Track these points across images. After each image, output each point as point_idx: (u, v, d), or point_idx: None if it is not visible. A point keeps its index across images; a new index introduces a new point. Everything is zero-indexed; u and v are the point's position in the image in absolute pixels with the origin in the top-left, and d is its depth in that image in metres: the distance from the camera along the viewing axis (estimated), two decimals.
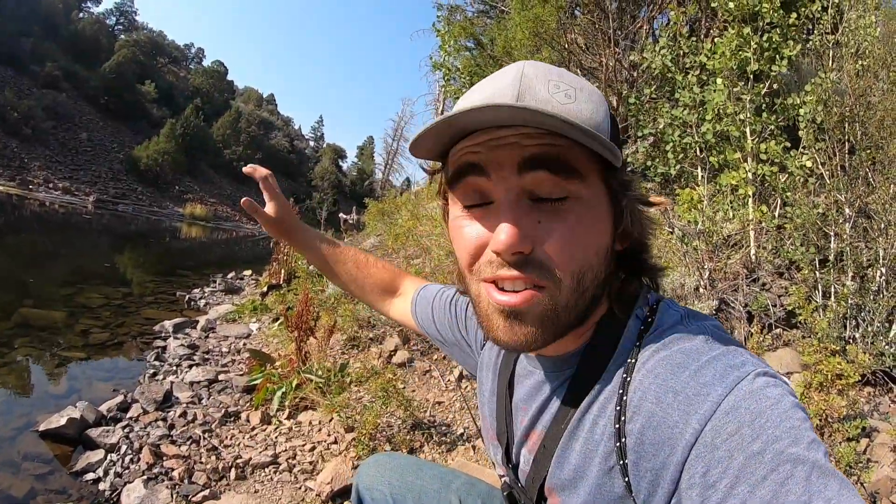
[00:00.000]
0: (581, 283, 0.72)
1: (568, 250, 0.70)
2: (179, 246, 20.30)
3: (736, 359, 0.66)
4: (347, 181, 75.43)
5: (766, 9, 3.81)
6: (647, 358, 0.71)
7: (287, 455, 2.98)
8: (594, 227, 0.72)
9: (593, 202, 0.71)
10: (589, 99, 0.71)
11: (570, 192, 0.69)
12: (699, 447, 0.60)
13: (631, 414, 0.69)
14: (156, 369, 4.40)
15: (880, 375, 2.88)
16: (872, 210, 3.20)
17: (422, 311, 1.28)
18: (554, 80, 0.71)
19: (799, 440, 0.57)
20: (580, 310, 0.74)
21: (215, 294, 8.57)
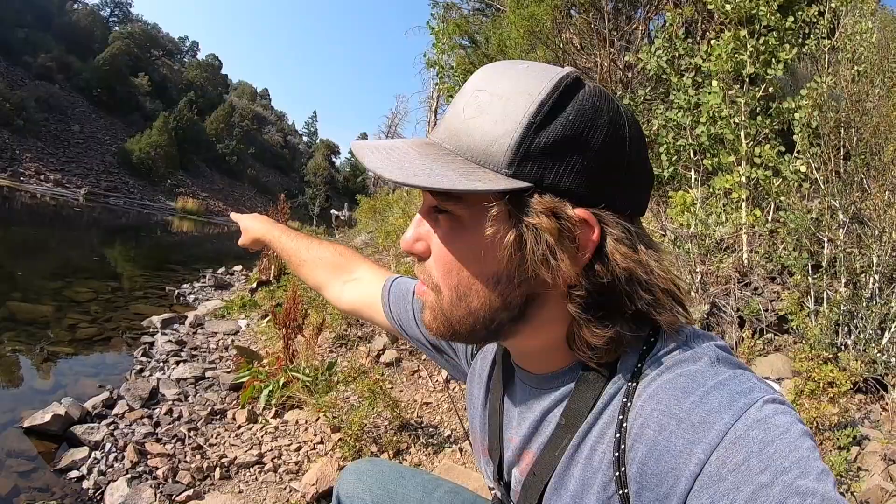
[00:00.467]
0: (464, 301, 0.72)
1: (442, 264, 0.73)
2: (170, 240, 20.25)
3: (743, 384, 0.63)
4: (340, 177, 75.38)
5: (764, 12, 3.79)
6: (649, 382, 0.68)
7: (272, 455, 2.95)
8: (468, 248, 0.70)
9: (471, 223, 0.68)
10: (505, 108, 0.65)
11: (449, 209, 0.70)
12: (704, 478, 0.57)
13: (632, 442, 0.66)
14: (143, 365, 4.36)
15: (872, 383, 2.86)
16: (866, 216, 3.18)
17: (399, 308, 1.18)
18: (483, 86, 0.69)
19: (808, 472, 0.54)
20: (472, 327, 0.74)
21: (205, 290, 8.53)
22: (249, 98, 78.41)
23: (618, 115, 0.68)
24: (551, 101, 0.64)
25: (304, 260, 1.38)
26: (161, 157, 42.96)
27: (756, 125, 3.93)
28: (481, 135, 0.66)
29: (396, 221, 7.45)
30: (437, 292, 0.74)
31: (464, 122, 0.68)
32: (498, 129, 0.65)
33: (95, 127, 44.08)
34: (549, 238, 0.64)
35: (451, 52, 9.05)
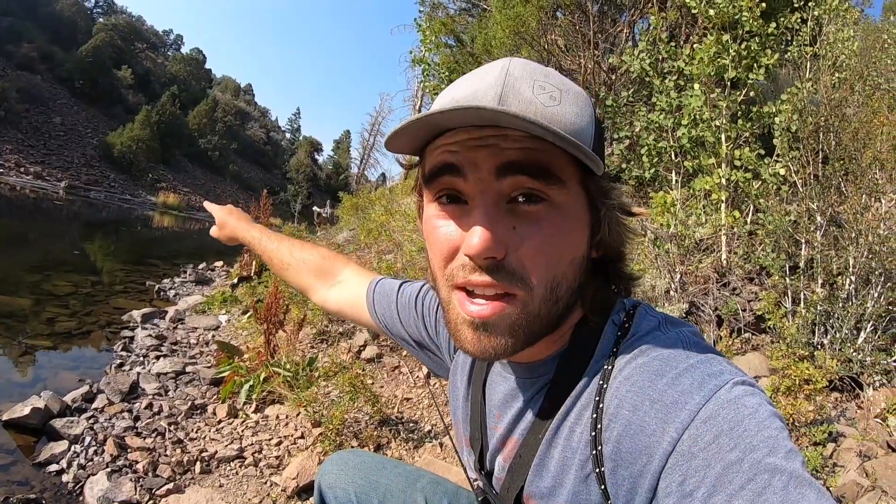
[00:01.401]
0: (554, 292, 0.70)
1: (543, 258, 0.68)
2: (151, 235, 20.02)
3: (714, 367, 0.65)
4: (322, 174, 75.04)
5: (747, 17, 3.84)
6: (624, 365, 0.71)
7: (253, 449, 2.94)
8: (570, 235, 0.70)
9: (571, 209, 0.69)
10: (574, 102, 0.69)
11: (549, 197, 0.67)
12: (676, 456, 0.60)
13: (607, 422, 0.68)
14: (123, 360, 4.32)
15: (847, 381, 2.92)
16: (843, 219, 3.24)
17: (383, 308, 1.20)
18: (539, 80, 0.68)
19: (776, 450, 0.56)
20: (553, 318, 0.72)
21: (185, 284, 8.45)
22: (233, 93, 77.90)
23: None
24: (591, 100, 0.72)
25: (289, 264, 1.38)
26: (143, 151, 42.47)
27: (736, 128, 3.98)
28: (570, 122, 0.66)
29: (379, 218, 7.43)
30: (527, 294, 0.69)
31: (545, 108, 0.66)
32: (583, 120, 0.69)
33: (77, 119, 43.54)
34: (608, 213, 0.74)
35: (437, 51, 9.05)
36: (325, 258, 1.35)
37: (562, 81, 0.71)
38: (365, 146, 54.26)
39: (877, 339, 2.99)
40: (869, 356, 2.92)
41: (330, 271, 1.33)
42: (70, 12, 51.95)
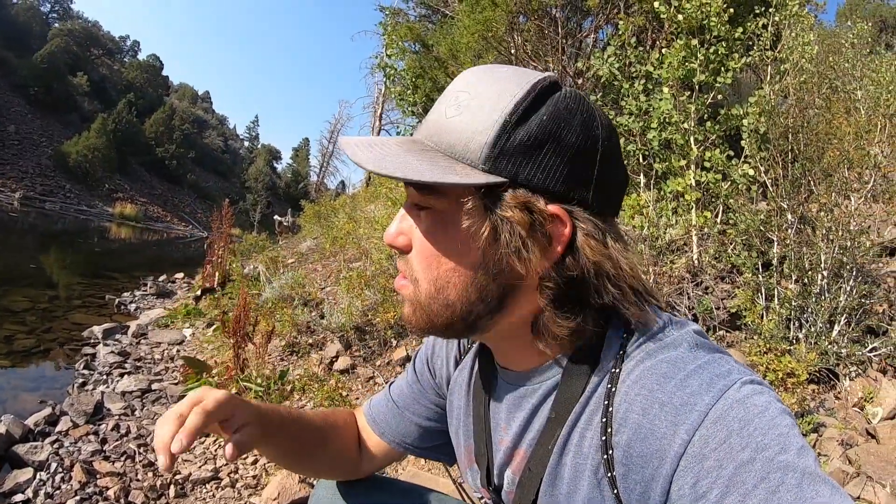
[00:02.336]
0: (442, 294, 0.74)
1: (422, 258, 0.74)
2: (108, 247, 19.54)
3: (721, 367, 0.66)
4: (282, 183, 74.47)
5: (715, 23, 3.91)
6: (632, 368, 0.71)
7: (229, 469, 2.83)
8: (449, 242, 0.72)
9: (450, 217, 0.71)
10: (483, 107, 0.68)
11: (431, 206, 0.72)
12: (688, 458, 0.60)
13: (617, 426, 0.68)
14: (85, 378, 4.14)
15: (824, 373, 3.00)
16: (813, 217, 3.31)
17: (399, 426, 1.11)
18: (464, 87, 0.72)
19: (788, 447, 0.57)
20: (449, 320, 0.75)
21: (146, 298, 8.21)
22: (190, 100, 76.68)
23: (591, 116, 0.70)
24: (527, 102, 0.68)
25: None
26: (98, 160, 41.29)
27: (704, 131, 4.04)
28: (460, 132, 0.69)
29: (345, 226, 7.35)
30: (415, 285, 0.76)
31: (445, 121, 0.71)
32: (476, 127, 0.68)
33: (32, 128, 42.17)
34: (522, 231, 0.67)
35: (402, 56, 9.02)
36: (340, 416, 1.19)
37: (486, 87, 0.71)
38: (324, 154, 53.78)
39: (851, 331, 3.09)
40: (844, 348, 3.01)
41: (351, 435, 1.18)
42: (25, 17, 50.53)
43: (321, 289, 5.93)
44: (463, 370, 1.01)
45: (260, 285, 6.44)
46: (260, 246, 10.53)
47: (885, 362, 3.01)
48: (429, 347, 1.11)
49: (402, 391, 1.12)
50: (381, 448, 1.13)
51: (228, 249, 7.75)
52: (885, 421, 2.66)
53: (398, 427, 1.11)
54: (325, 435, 1.09)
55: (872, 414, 2.71)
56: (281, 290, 5.50)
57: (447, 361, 1.06)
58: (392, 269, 5.30)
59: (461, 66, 7.24)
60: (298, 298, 5.32)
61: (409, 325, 0.80)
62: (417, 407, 1.10)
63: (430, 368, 1.09)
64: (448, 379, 1.05)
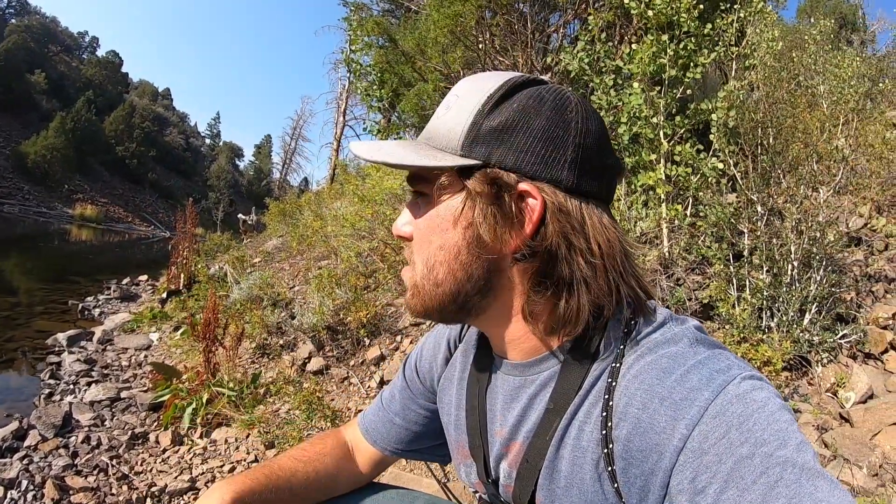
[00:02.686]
0: (432, 274, 0.78)
1: (417, 240, 0.80)
2: (69, 249, 19.07)
3: (721, 363, 0.67)
4: (244, 180, 73.84)
5: (685, 19, 3.95)
6: (633, 362, 0.71)
7: (205, 478, 2.76)
8: (438, 225, 0.77)
9: (437, 200, 0.77)
10: (463, 103, 0.76)
11: (421, 191, 0.80)
12: (687, 452, 0.60)
13: (617, 420, 0.69)
14: (52, 388, 4.01)
15: (797, 360, 3.07)
16: (783, 208, 3.37)
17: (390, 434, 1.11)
18: (455, 91, 0.79)
19: (787, 443, 0.57)
20: (446, 301, 0.78)
21: (110, 302, 8.01)
22: (150, 98, 75.14)
23: (564, 103, 0.74)
24: (499, 95, 0.74)
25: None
26: (57, 160, 40.17)
27: (673, 125, 4.08)
28: (445, 126, 0.77)
29: (313, 224, 7.27)
30: (413, 267, 0.82)
31: (435, 121, 0.79)
32: (456, 119, 0.76)
33: None
34: (492, 206, 0.72)
35: (368, 51, 8.94)
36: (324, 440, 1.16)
37: (471, 87, 0.78)
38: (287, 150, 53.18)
39: (822, 319, 3.15)
40: (816, 336, 3.07)
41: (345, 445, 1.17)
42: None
43: (290, 288, 5.85)
44: (454, 366, 1.01)
45: (227, 286, 6.33)
46: (225, 246, 10.40)
47: (855, 348, 3.10)
48: (417, 351, 1.13)
49: (392, 397, 1.13)
50: (376, 457, 1.15)
51: (193, 250, 7.60)
52: (858, 405, 2.75)
53: (389, 434, 1.12)
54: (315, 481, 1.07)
55: (845, 399, 2.79)
56: (249, 291, 5.41)
57: (434, 362, 1.06)
58: (361, 266, 5.26)
59: (428, 61, 7.20)
60: (267, 299, 5.24)
61: (408, 309, 0.85)
62: (407, 412, 1.10)
63: (419, 374, 1.10)
64: (438, 378, 1.05)
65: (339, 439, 1.17)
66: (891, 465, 2.37)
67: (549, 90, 0.75)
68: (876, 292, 3.46)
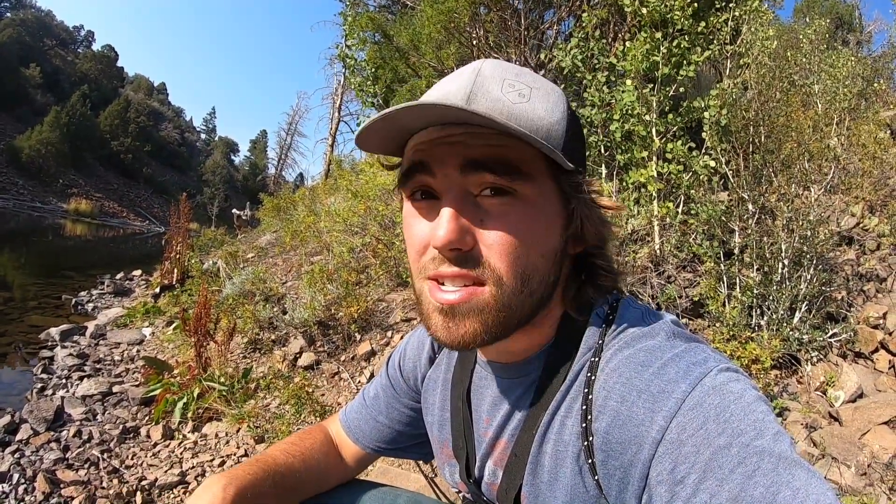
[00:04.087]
0: (526, 284, 0.70)
1: (510, 249, 0.68)
2: (63, 244, 18.97)
3: (698, 355, 0.67)
4: (239, 176, 73.72)
5: (678, 17, 3.95)
6: (611, 357, 0.72)
7: (196, 472, 2.75)
8: (538, 228, 0.71)
9: (539, 202, 0.70)
10: (545, 98, 0.71)
11: (515, 191, 0.68)
12: (666, 443, 0.61)
13: (597, 413, 0.69)
14: (44, 383, 3.99)
15: (786, 359, 3.08)
16: (774, 207, 3.38)
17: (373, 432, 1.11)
18: (510, 78, 0.71)
19: (764, 432, 0.57)
20: (526, 311, 0.72)
21: (104, 297, 7.97)
22: (146, 92, 74.79)
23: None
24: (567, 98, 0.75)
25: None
26: (52, 154, 40.02)
27: (666, 123, 4.08)
28: (539, 118, 0.70)
29: (306, 220, 7.25)
30: (498, 285, 0.69)
31: (513, 105, 0.69)
32: (552, 116, 0.71)
33: None
34: (586, 209, 0.74)
35: (363, 46, 8.91)
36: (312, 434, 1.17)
37: (534, 79, 0.73)
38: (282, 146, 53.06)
39: (811, 317, 3.17)
40: (805, 334, 3.09)
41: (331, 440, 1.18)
42: None
43: (282, 283, 5.84)
44: (438, 367, 1.01)
45: (220, 281, 6.32)
46: (218, 241, 10.37)
47: (845, 347, 3.11)
48: (400, 351, 1.11)
49: (376, 395, 1.13)
50: (358, 454, 1.14)
51: (187, 245, 7.59)
52: (847, 404, 2.76)
53: (372, 433, 1.12)
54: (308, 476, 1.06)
55: (834, 397, 2.80)
56: (242, 286, 5.40)
57: (419, 362, 1.06)
58: (353, 262, 5.25)
59: (422, 57, 7.18)
60: (260, 294, 5.23)
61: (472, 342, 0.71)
62: (391, 411, 1.10)
63: (402, 373, 1.09)
64: (422, 378, 1.05)
65: (326, 434, 1.17)
66: (879, 465, 2.38)
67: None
68: (867, 292, 3.47)
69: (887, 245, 3.79)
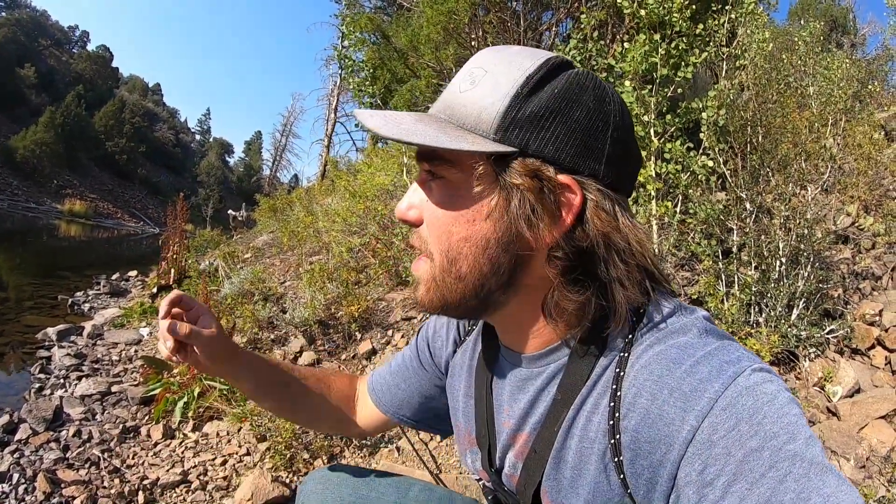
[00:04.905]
0: (454, 266, 0.73)
1: (434, 229, 0.74)
2: (58, 245, 18.92)
3: (731, 354, 0.66)
4: (234, 177, 73.60)
5: (676, 19, 3.98)
6: (641, 353, 0.70)
7: (197, 471, 2.75)
8: (461, 212, 0.71)
9: (463, 186, 0.71)
10: (496, 81, 0.69)
11: (444, 176, 0.72)
12: (696, 444, 0.60)
13: (625, 411, 0.68)
14: (42, 383, 3.98)
15: (785, 355, 3.11)
16: (771, 206, 3.42)
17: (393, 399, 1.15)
18: (479, 64, 0.72)
19: (796, 437, 0.57)
20: (468, 295, 0.74)
21: (100, 297, 7.94)
22: (141, 93, 74.58)
23: (604, 93, 0.71)
24: (539, 76, 0.68)
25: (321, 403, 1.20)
26: (47, 155, 39.87)
27: (664, 123, 4.11)
28: (472, 104, 0.69)
29: (304, 219, 7.25)
30: (430, 259, 0.75)
31: (458, 95, 0.71)
32: (488, 99, 0.68)
33: None
34: (531, 198, 0.67)
35: (361, 46, 8.93)
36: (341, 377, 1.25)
37: (499, 61, 0.71)
38: (277, 147, 53.04)
39: (809, 314, 3.20)
40: (803, 331, 3.11)
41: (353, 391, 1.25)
42: None
43: (281, 283, 5.85)
44: (465, 352, 1.01)
45: (218, 281, 6.31)
46: (215, 241, 10.35)
47: (842, 344, 3.15)
48: (430, 327, 1.12)
49: (403, 363, 1.15)
50: (376, 416, 1.18)
51: (184, 245, 7.58)
52: (845, 399, 2.80)
53: (393, 399, 1.14)
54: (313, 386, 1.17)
55: (832, 392, 2.84)
56: (240, 286, 5.40)
57: (447, 342, 1.06)
58: (353, 261, 5.26)
59: (421, 58, 7.21)
60: (258, 294, 5.23)
61: (423, 306, 0.79)
62: (414, 382, 1.12)
63: (430, 349, 1.10)
64: (448, 360, 1.06)
65: (352, 383, 1.24)
66: (877, 458, 2.42)
67: (588, 77, 0.71)
68: (863, 289, 3.51)
69: (882, 244, 3.83)
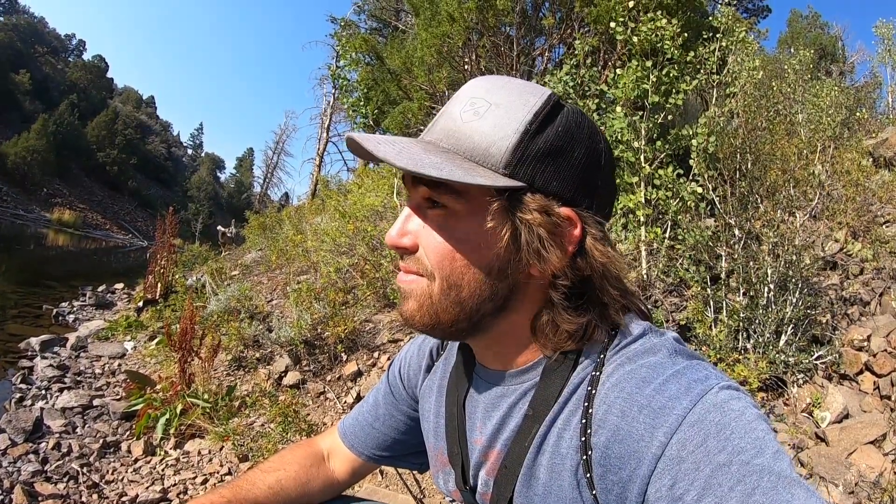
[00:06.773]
0: (454, 290, 0.75)
1: (436, 255, 0.74)
2: (45, 254, 18.77)
3: (699, 373, 0.67)
4: (224, 193, 73.50)
5: (668, 46, 4.03)
6: (612, 371, 0.72)
7: (177, 490, 2.70)
8: (464, 241, 0.73)
9: (469, 218, 0.73)
10: (501, 115, 0.72)
11: (445, 203, 0.73)
12: (665, 460, 0.60)
13: (596, 427, 0.69)
14: (23, 393, 3.91)
15: (773, 381, 3.12)
16: (760, 232, 3.43)
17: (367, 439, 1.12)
18: (480, 94, 0.74)
19: (764, 451, 0.58)
20: (462, 318, 0.76)
21: (85, 308, 7.87)
22: (134, 105, 74.61)
23: (595, 130, 0.76)
24: (545, 113, 0.72)
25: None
26: (38, 162, 39.66)
27: (654, 149, 4.15)
28: (480, 137, 0.71)
29: (294, 238, 7.23)
30: (429, 279, 0.76)
31: (462, 125, 0.73)
32: (497, 133, 0.71)
33: None
34: (542, 232, 0.70)
35: (355, 67, 8.98)
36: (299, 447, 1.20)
37: (504, 94, 0.74)
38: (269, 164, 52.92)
39: (797, 340, 3.22)
40: (791, 357, 3.13)
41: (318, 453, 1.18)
42: None
43: (268, 301, 5.80)
44: (434, 374, 1.02)
45: (205, 297, 6.26)
46: (203, 257, 10.29)
47: (831, 369, 3.16)
48: (401, 359, 1.12)
49: (376, 402, 1.14)
50: (354, 463, 1.15)
51: (171, 260, 7.53)
52: (834, 424, 2.80)
53: (368, 439, 1.12)
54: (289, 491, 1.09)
55: (821, 418, 2.84)
56: (227, 303, 5.36)
57: (419, 370, 1.07)
58: (340, 282, 5.23)
59: (414, 80, 7.25)
60: (245, 311, 5.19)
61: (411, 321, 0.79)
62: (389, 418, 1.11)
63: (403, 380, 1.10)
64: (420, 386, 1.06)
65: (311, 446, 1.18)
66: (866, 483, 2.41)
67: (581, 114, 0.76)
68: (851, 315, 3.52)
69: (870, 269, 3.86)
